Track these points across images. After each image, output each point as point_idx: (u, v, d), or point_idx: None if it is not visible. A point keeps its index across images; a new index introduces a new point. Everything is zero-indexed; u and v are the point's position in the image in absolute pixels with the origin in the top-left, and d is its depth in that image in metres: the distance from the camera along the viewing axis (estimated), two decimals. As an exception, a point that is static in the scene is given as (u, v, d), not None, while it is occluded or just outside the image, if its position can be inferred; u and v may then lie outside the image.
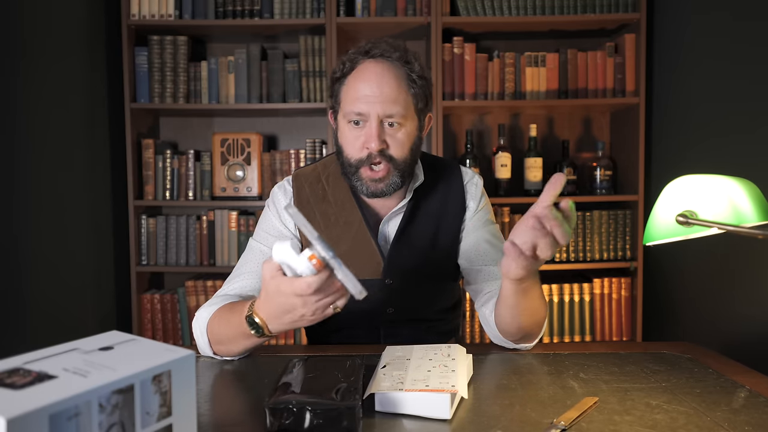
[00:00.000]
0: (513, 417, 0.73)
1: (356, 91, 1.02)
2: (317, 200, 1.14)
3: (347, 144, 1.06)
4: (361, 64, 1.04)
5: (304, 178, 1.16)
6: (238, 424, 0.73)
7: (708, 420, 0.72)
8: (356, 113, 1.02)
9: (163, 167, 2.24)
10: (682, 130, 2.01)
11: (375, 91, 1.01)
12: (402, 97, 1.02)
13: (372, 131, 1.01)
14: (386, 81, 1.01)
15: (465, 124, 2.41)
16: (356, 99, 1.02)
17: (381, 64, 1.03)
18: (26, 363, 0.52)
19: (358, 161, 1.04)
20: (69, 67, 1.91)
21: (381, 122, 1.02)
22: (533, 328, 0.98)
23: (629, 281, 2.24)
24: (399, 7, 2.16)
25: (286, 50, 2.29)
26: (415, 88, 1.04)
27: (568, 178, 2.25)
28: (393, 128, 1.03)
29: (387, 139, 1.03)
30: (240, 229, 2.24)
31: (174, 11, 2.15)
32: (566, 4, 2.14)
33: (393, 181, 1.05)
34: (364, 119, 1.03)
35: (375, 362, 0.88)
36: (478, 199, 1.17)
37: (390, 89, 1.01)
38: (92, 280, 2.04)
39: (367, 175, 1.04)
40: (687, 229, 0.83)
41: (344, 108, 1.05)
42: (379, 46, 1.04)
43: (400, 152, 1.04)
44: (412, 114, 1.05)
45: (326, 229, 1.12)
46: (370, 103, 1.01)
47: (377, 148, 1.02)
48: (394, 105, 1.01)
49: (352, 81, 1.04)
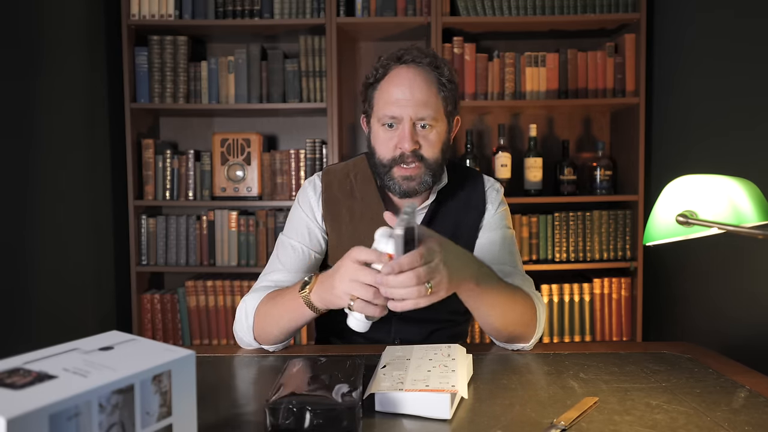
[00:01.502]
0: (513, 417, 0.73)
1: (389, 95, 1.07)
2: (345, 196, 1.18)
3: (380, 145, 1.10)
4: (393, 70, 1.09)
5: (333, 174, 1.20)
6: (238, 424, 0.73)
7: (708, 420, 0.72)
8: (390, 116, 1.07)
9: (163, 167, 2.24)
10: (682, 130, 2.01)
11: (407, 95, 1.05)
12: (433, 101, 1.07)
13: (405, 133, 1.06)
14: (418, 85, 1.06)
15: (465, 124, 2.41)
16: (389, 103, 1.07)
17: (413, 69, 1.08)
18: (26, 363, 0.52)
19: (391, 161, 1.09)
20: (69, 67, 1.91)
21: (413, 124, 1.07)
22: (515, 329, 1.01)
23: (629, 281, 2.24)
24: (399, 7, 2.16)
25: (286, 50, 2.29)
26: (444, 91, 1.09)
27: (568, 177, 2.25)
28: (425, 130, 1.08)
29: (419, 140, 1.08)
30: (240, 229, 2.24)
31: (174, 11, 2.15)
32: (566, 4, 2.14)
33: (424, 180, 1.09)
34: (397, 122, 1.07)
35: (375, 362, 0.88)
36: (497, 204, 1.21)
37: (421, 93, 1.06)
38: (92, 280, 2.04)
39: (400, 173, 1.09)
40: (687, 229, 0.84)
41: (378, 112, 1.10)
42: (411, 53, 1.09)
43: (432, 152, 1.08)
44: (442, 116, 1.10)
45: (351, 224, 1.16)
46: (402, 107, 1.06)
47: (410, 149, 1.06)
48: (426, 108, 1.06)
49: (385, 86, 1.09)
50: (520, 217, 2.24)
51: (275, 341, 1.03)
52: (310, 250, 1.16)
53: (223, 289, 2.22)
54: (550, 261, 2.24)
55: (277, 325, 1.00)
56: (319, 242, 1.17)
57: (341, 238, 1.16)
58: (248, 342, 1.05)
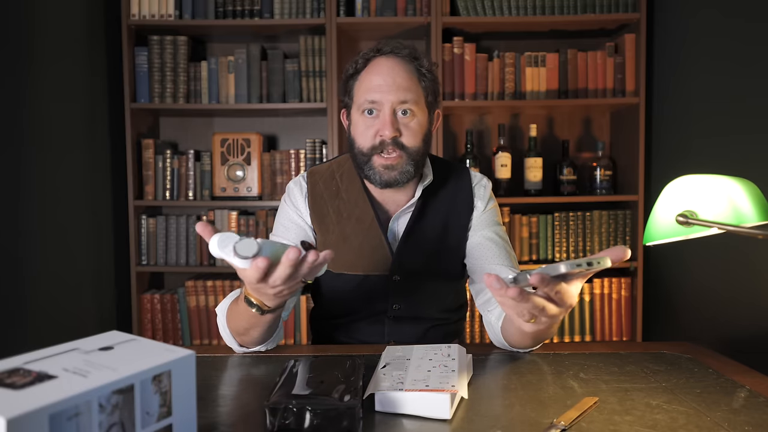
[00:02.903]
0: (513, 417, 0.73)
1: (369, 82, 1.07)
2: (331, 196, 1.16)
3: (360, 134, 1.08)
4: (373, 61, 1.09)
5: (318, 174, 1.19)
6: (238, 424, 0.73)
7: (708, 420, 0.72)
8: (370, 101, 1.06)
9: (163, 167, 2.24)
10: (681, 130, 2.01)
11: (388, 81, 1.05)
12: (414, 87, 1.07)
13: (386, 118, 1.05)
14: (398, 72, 1.06)
15: (465, 124, 2.41)
16: (370, 89, 1.06)
17: (392, 59, 1.08)
18: (26, 363, 0.52)
19: (370, 149, 1.07)
20: (69, 67, 1.91)
21: (394, 111, 1.05)
22: (541, 341, 1.01)
23: (629, 281, 2.24)
24: (399, 7, 2.16)
25: (286, 50, 2.29)
26: (425, 81, 1.09)
27: (568, 177, 2.25)
28: (406, 117, 1.06)
29: (400, 128, 1.06)
30: (240, 229, 2.24)
31: (174, 11, 2.15)
32: (566, 4, 2.14)
33: (406, 170, 1.07)
34: (377, 107, 1.06)
35: (375, 362, 0.88)
36: (486, 201, 1.19)
37: (402, 79, 1.06)
38: (92, 280, 2.04)
39: (380, 162, 1.06)
40: (687, 229, 0.83)
41: (357, 100, 1.09)
42: (390, 44, 1.09)
43: (413, 141, 1.07)
44: (423, 105, 1.09)
45: (339, 225, 1.14)
46: (383, 92, 1.05)
47: (391, 135, 1.04)
48: (407, 92, 1.05)
49: (365, 75, 1.09)
50: (520, 217, 2.24)
51: (259, 343, 1.01)
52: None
53: (223, 289, 2.22)
54: (550, 261, 2.24)
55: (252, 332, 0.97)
56: (309, 239, 1.15)
57: (329, 238, 1.14)
58: (238, 350, 1.03)
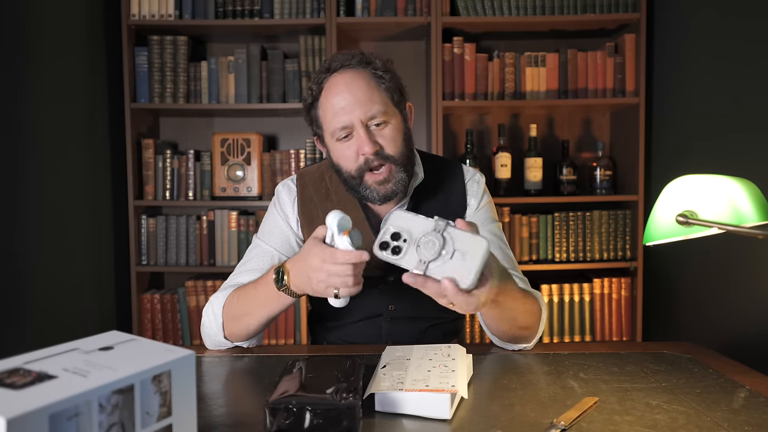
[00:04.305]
0: (513, 417, 0.73)
1: (332, 106, 1.04)
2: (320, 198, 1.15)
3: (343, 159, 1.06)
4: (327, 82, 1.06)
5: (308, 177, 1.18)
6: (238, 424, 0.73)
7: (708, 420, 0.72)
8: (341, 128, 1.03)
9: (163, 167, 2.24)
10: (682, 130, 2.01)
11: (349, 99, 1.02)
12: (377, 96, 1.04)
13: (362, 137, 1.02)
14: (356, 86, 1.03)
15: (465, 124, 2.41)
16: (335, 114, 1.04)
17: (345, 73, 1.05)
18: (26, 363, 0.52)
19: (358, 170, 1.05)
20: (69, 67, 1.91)
21: (366, 126, 1.03)
22: (521, 332, 1.00)
23: (629, 281, 2.24)
24: (399, 7, 2.16)
25: (286, 50, 2.29)
26: (384, 83, 1.06)
27: (568, 177, 2.25)
28: (379, 128, 1.04)
29: (378, 141, 1.04)
30: (240, 229, 2.24)
31: (174, 11, 2.15)
32: (566, 4, 2.14)
33: (399, 178, 1.06)
34: (349, 130, 1.04)
35: (375, 362, 0.88)
36: (480, 197, 1.17)
37: (362, 92, 1.03)
38: (92, 280, 2.04)
39: (373, 179, 1.05)
40: (687, 229, 0.83)
41: (328, 129, 1.06)
42: (337, 59, 1.07)
43: (395, 148, 1.05)
44: (392, 109, 1.07)
45: None
46: (349, 112, 1.02)
47: (372, 151, 1.02)
48: (372, 104, 1.03)
49: (324, 100, 1.06)
50: (520, 217, 2.24)
51: (248, 336, 1.03)
52: (281, 255, 1.12)
53: (223, 289, 2.22)
54: (550, 261, 2.24)
55: (255, 317, 0.99)
56: (291, 248, 1.14)
57: None
58: (218, 342, 1.05)
